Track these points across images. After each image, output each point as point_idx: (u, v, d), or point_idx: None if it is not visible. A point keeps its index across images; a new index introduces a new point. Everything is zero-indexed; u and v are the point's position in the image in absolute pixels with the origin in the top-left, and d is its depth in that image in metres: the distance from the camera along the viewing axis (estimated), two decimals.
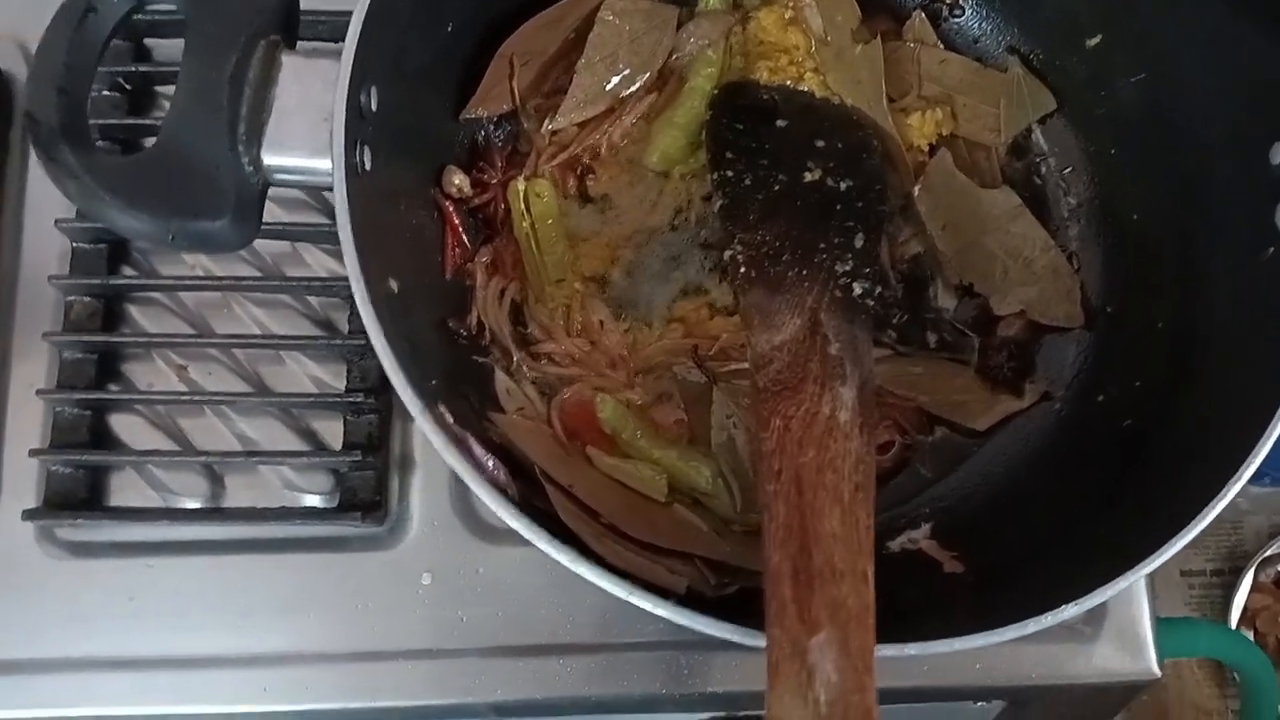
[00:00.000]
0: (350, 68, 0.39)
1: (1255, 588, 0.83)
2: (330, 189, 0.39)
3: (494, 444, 0.45)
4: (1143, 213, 0.53)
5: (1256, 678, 0.70)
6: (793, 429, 0.41)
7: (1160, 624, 0.53)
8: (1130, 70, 0.53)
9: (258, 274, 0.56)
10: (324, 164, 0.39)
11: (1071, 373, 0.53)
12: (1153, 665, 0.53)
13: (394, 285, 0.43)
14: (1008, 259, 0.53)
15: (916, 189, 0.54)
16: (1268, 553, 0.84)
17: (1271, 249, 0.45)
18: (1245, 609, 0.83)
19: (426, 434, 0.38)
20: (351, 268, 0.38)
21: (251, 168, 0.39)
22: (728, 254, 0.50)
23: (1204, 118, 0.49)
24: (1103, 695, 0.55)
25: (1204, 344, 0.48)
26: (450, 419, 0.43)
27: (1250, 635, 0.83)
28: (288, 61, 0.40)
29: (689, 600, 0.43)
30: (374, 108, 0.42)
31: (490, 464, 0.43)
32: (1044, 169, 0.56)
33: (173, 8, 0.40)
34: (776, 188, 0.51)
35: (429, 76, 0.49)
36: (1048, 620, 0.38)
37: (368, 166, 0.41)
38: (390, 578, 0.52)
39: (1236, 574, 0.83)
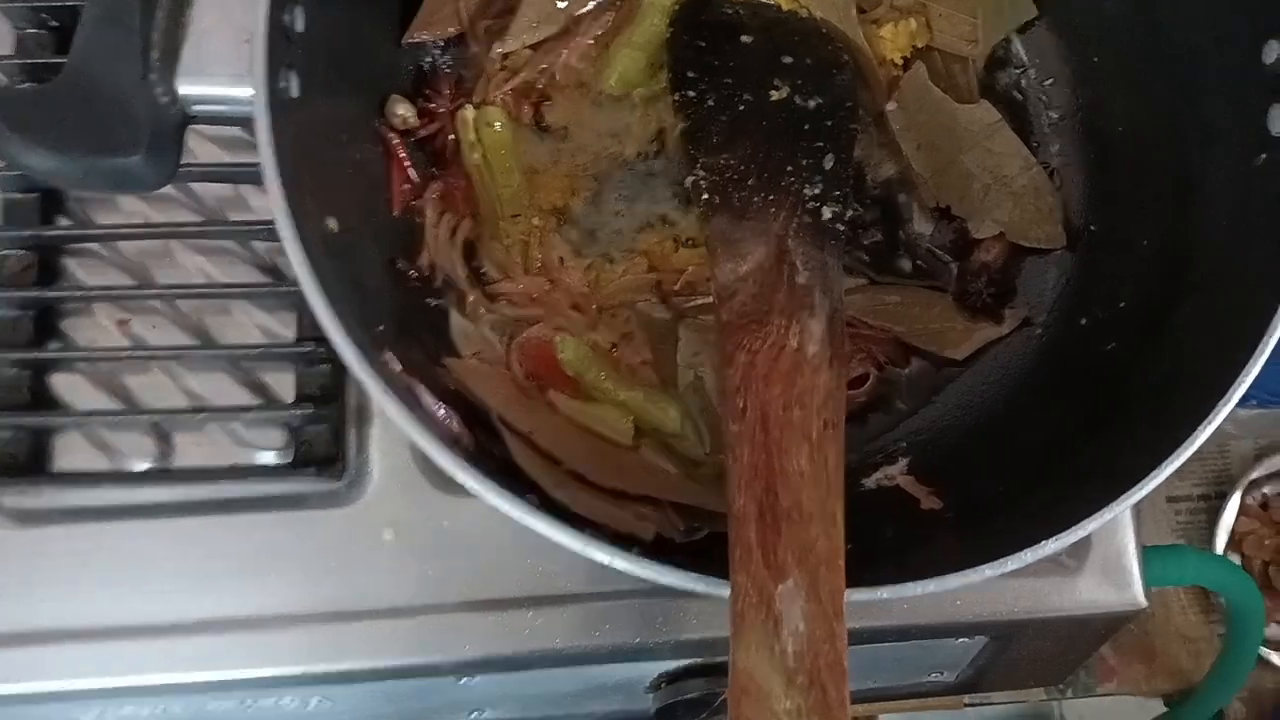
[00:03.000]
0: None
1: (1242, 511, 0.83)
2: (252, 119, 0.36)
3: (448, 391, 0.43)
4: (1128, 124, 0.51)
5: (1242, 603, 0.69)
6: (758, 364, 0.39)
7: (1147, 552, 0.52)
8: None
9: (199, 219, 0.53)
10: (244, 92, 0.36)
11: (1053, 296, 0.51)
12: (1139, 596, 0.51)
13: (333, 224, 0.41)
14: (987, 178, 0.51)
15: (890, 106, 0.51)
16: (1254, 476, 0.83)
17: (1264, 155, 0.43)
18: (1232, 534, 0.82)
19: (362, 382, 0.36)
20: (275, 202, 0.35)
21: (167, 98, 0.36)
22: (690, 180, 0.47)
23: (1191, 19, 0.46)
24: (1087, 628, 0.54)
25: (1192, 261, 0.46)
26: (399, 366, 0.40)
27: (1237, 560, 0.83)
28: None
29: (657, 547, 0.41)
30: (300, 29, 0.38)
31: (441, 413, 0.41)
32: (1024, 81, 0.54)
33: None
34: (741, 108, 0.48)
35: None
36: (1028, 557, 0.37)
37: (295, 94, 0.38)
38: (350, 535, 0.50)
39: (1223, 499, 0.82)
